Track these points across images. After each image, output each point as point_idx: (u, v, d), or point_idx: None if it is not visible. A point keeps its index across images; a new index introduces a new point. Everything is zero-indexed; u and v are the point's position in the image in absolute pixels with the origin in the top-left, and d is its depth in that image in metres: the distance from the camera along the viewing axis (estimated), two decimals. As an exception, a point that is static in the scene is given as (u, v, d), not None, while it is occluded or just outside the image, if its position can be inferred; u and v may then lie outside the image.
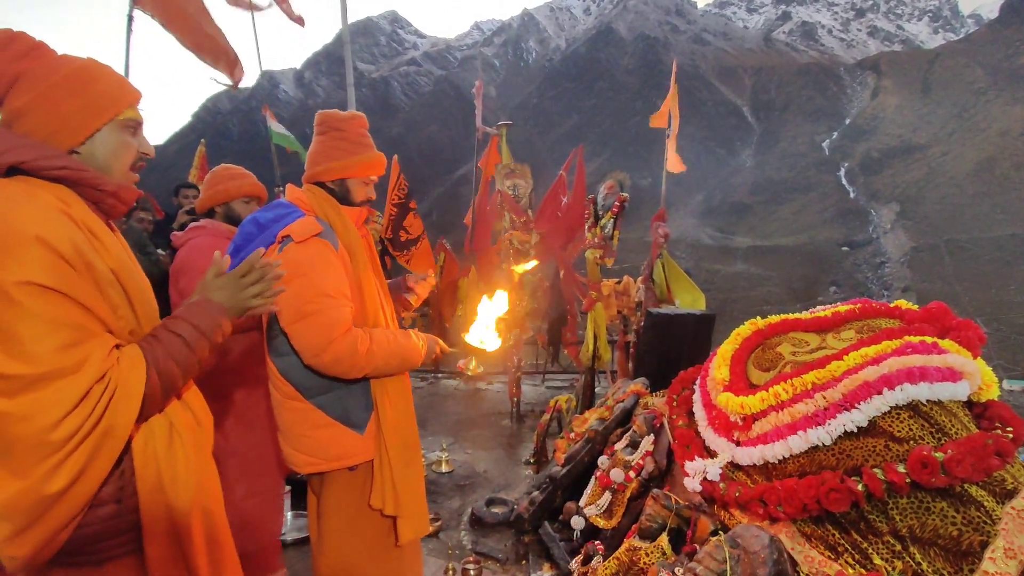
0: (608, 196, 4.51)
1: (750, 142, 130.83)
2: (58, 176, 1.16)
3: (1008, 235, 79.72)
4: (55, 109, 1.18)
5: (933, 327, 2.19)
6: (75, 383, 1.07)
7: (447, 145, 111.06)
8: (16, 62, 1.17)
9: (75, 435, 1.06)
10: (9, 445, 1.02)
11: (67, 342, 1.07)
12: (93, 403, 1.08)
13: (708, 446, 2.41)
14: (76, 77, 1.20)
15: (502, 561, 3.01)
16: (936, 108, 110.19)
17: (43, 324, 1.05)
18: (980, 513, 1.70)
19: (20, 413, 1.02)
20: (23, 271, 1.04)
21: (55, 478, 1.04)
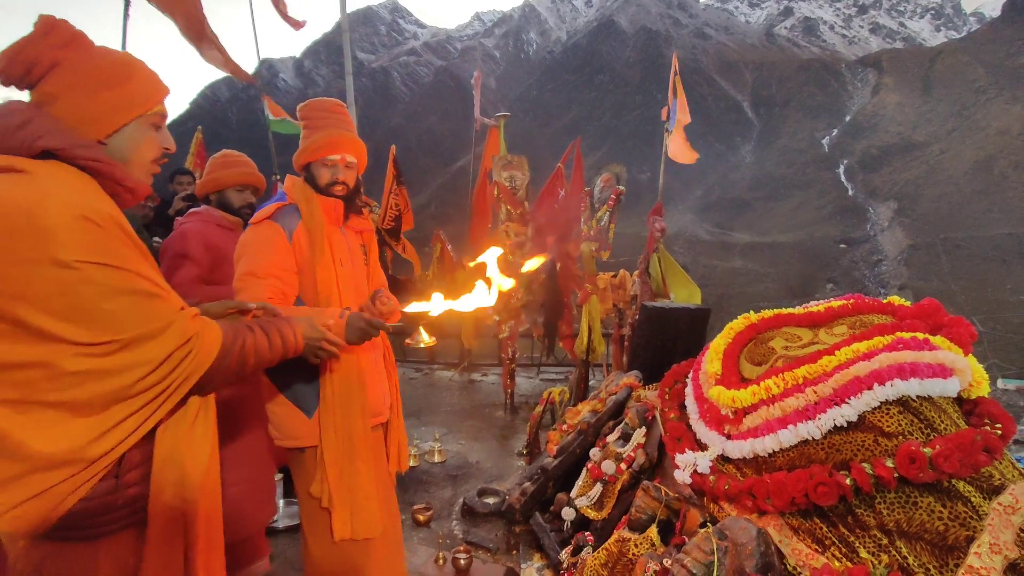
0: (604, 189, 4.50)
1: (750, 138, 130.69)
2: (86, 166, 1.19)
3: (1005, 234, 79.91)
4: (89, 100, 1.21)
5: (925, 323, 2.19)
6: (159, 346, 1.16)
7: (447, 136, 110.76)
8: (56, 49, 1.19)
9: (153, 392, 1.16)
10: (95, 396, 1.11)
11: (138, 308, 1.14)
12: (174, 364, 1.18)
13: (699, 439, 2.42)
14: (112, 71, 1.23)
15: (493, 551, 3.02)
16: (936, 106, 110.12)
17: (111, 295, 1.11)
18: (967, 508, 1.71)
19: (113, 368, 1.11)
20: (78, 250, 1.08)
21: (125, 424, 1.14)
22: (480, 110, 7.57)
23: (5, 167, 1.12)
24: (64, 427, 1.10)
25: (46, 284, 1.07)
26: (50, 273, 1.06)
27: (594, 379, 5.73)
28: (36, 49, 1.17)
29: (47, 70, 1.19)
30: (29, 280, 1.06)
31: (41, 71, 1.19)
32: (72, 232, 1.08)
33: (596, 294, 4.90)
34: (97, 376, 1.11)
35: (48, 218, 1.07)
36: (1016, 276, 73.67)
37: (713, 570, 1.79)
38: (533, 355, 7.47)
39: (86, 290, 1.09)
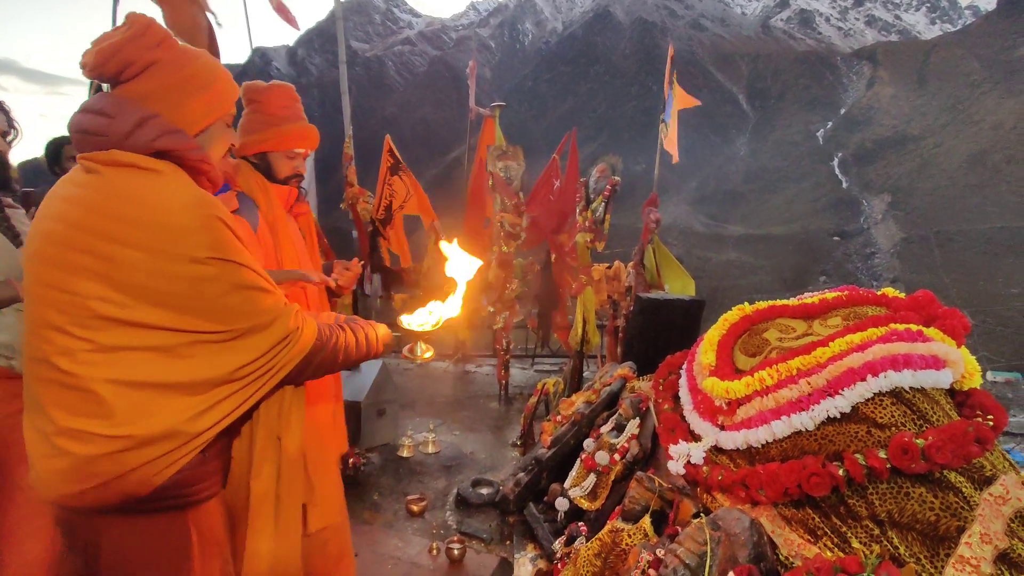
0: (600, 180, 4.49)
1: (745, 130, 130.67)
2: (194, 166, 1.28)
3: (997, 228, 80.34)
4: (184, 102, 1.28)
5: (919, 315, 2.19)
6: (266, 337, 1.26)
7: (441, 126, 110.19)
8: (151, 50, 1.25)
9: (253, 376, 1.26)
10: (204, 378, 1.20)
11: (253, 302, 1.24)
12: (275, 354, 1.28)
13: (693, 430, 2.42)
14: (202, 75, 1.31)
15: (487, 541, 3.03)
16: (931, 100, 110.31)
17: (237, 291, 1.21)
18: (958, 499, 1.72)
19: (223, 355, 1.21)
20: (210, 247, 1.17)
21: (225, 404, 1.23)
22: (475, 100, 7.53)
23: (128, 163, 1.19)
24: (168, 406, 1.17)
25: (177, 280, 1.15)
26: (184, 269, 1.15)
27: (588, 370, 5.73)
28: (133, 49, 1.23)
29: (142, 70, 1.25)
30: (160, 274, 1.14)
31: (136, 70, 1.24)
32: (207, 231, 1.17)
33: (591, 285, 4.90)
34: (208, 362, 1.20)
35: (185, 217, 1.16)
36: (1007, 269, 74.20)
37: (706, 560, 1.79)
38: (528, 346, 7.47)
39: (213, 286, 1.18)
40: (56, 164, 3.58)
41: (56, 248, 1.16)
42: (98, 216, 1.15)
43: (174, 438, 1.18)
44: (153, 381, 1.16)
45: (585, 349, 4.99)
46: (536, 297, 6.26)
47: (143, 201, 1.15)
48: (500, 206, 4.98)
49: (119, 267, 1.13)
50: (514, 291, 5.13)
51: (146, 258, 1.13)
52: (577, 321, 4.92)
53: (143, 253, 1.13)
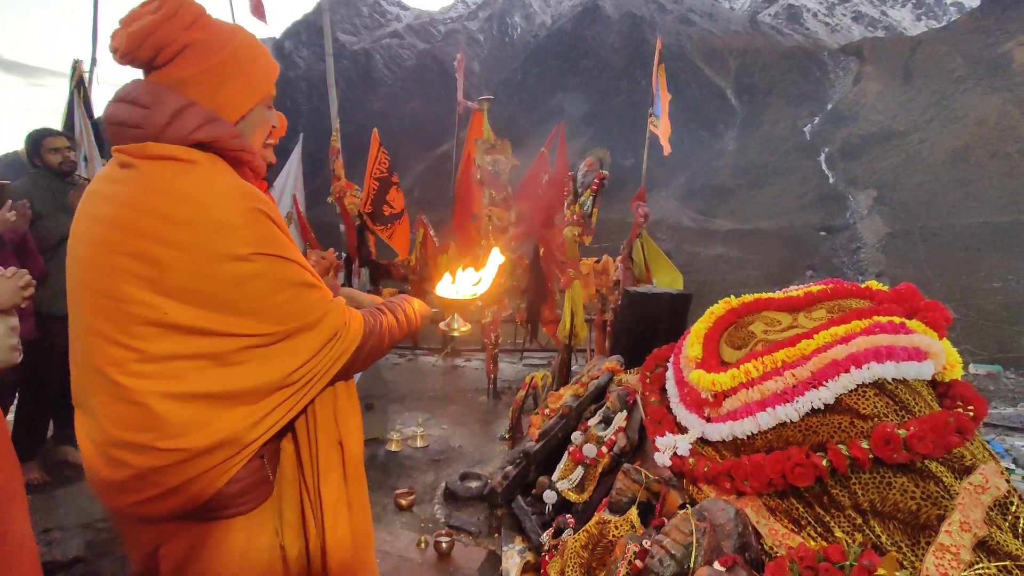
0: (588, 173, 4.49)
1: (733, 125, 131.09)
2: (235, 156, 1.20)
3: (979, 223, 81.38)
4: (222, 87, 1.19)
5: (902, 307, 2.22)
6: (317, 336, 1.20)
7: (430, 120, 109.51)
8: (185, 31, 1.15)
9: (307, 378, 1.20)
10: (258, 385, 1.14)
11: (301, 299, 1.17)
12: (327, 353, 1.22)
13: (679, 422, 2.44)
14: (239, 55, 1.21)
15: (475, 534, 3.04)
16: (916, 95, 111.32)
17: (284, 289, 1.15)
18: (939, 488, 1.75)
19: (275, 358, 1.15)
20: (265, 242, 1.12)
21: (279, 409, 1.18)
22: (463, 93, 7.49)
23: (166, 156, 1.12)
24: (222, 416, 1.12)
25: (221, 280, 1.09)
26: (227, 268, 1.09)
27: (577, 364, 5.75)
28: (167, 31, 1.13)
29: (176, 53, 1.15)
30: (202, 275, 1.08)
31: (170, 54, 1.15)
32: (250, 226, 1.11)
33: (579, 279, 4.90)
34: (260, 367, 1.14)
35: (225, 211, 1.09)
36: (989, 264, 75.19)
37: (692, 551, 1.81)
38: (516, 340, 7.47)
39: (258, 284, 1.12)
40: (36, 156, 3.53)
41: (97, 251, 1.12)
42: (136, 214, 1.09)
43: (230, 446, 1.14)
44: (205, 392, 1.11)
45: (573, 343, 5.00)
46: (524, 291, 6.27)
47: (182, 196, 1.09)
48: (488, 200, 4.97)
49: (160, 268, 1.07)
50: (502, 285, 5.13)
51: (187, 257, 1.07)
52: (565, 315, 4.93)
53: (183, 252, 1.07)
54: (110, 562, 2.67)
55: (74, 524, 2.93)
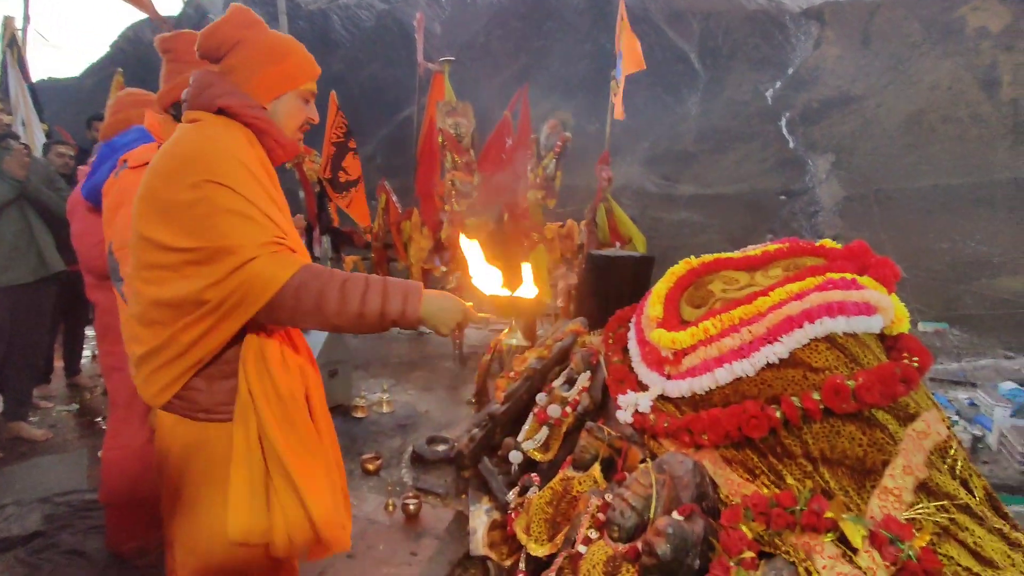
0: (550, 136, 4.45)
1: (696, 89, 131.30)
2: (250, 122, 1.46)
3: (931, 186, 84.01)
4: (258, 71, 1.49)
5: (853, 264, 2.28)
6: (232, 259, 1.31)
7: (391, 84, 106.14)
8: (240, 30, 1.49)
9: (215, 302, 1.33)
10: (174, 304, 1.35)
11: (231, 226, 1.31)
12: (233, 282, 1.32)
13: (641, 380, 2.49)
14: (277, 50, 1.52)
15: (443, 496, 3.08)
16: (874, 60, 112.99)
17: (218, 213, 1.31)
18: (884, 435, 1.83)
19: (185, 279, 1.33)
20: (219, 173, 1.33)
21: (191, 331, 1.35)
22: (424, 55, 7.29)
23: (192, 119, 1.44)
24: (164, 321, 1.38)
25: (182, 203, 1.31)
26: (186, 194, 1.31)
27: (543, 328, 5.80)
28: (227, 30, 1.48)
29: (232, 47, 1.49)
30: (173, 198, 1.32)
31: (227, 48, 1.49)
32: (214, 163, 1.33)
33: (543, 244, 4.90)
34: (186, 283, 1.33)
35: (199, 147, 1.36)
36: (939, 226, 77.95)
37: (651, 502, 1.86)
38: (482, 306, 7.47)
39: (203, 207, 1.31)
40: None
41: (140, 187, 1.40)
42: (157, 158, 1.39)
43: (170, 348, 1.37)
44: (164, 299, 1.35)
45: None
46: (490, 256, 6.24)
47: (183, 141, 1.38)
48: (451, 164, 4.89)
49: (153, 192, 1.35)
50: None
51: (165, 184, 1.34)
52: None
53: (164, 179, 1.34)
54: (70, 535, 2.63)
55: (31, 499, 2.87)
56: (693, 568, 1.68)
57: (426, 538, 2.72)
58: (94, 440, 3.67)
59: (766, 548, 1.67)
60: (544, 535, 2.26)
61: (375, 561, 2.53)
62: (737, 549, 1.63)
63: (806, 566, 1.58)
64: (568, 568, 1.96)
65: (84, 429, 3.88)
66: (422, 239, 5.95)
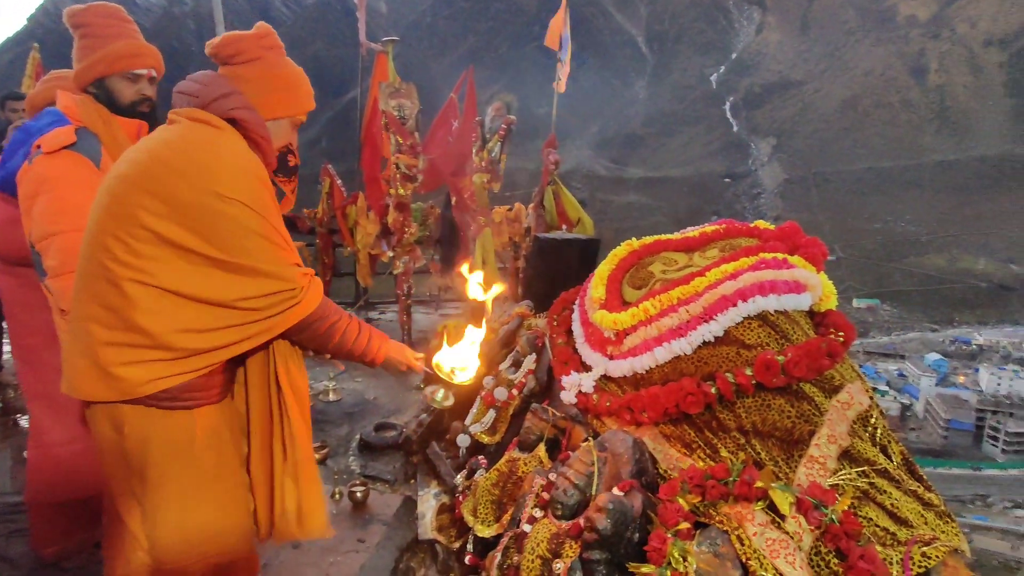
0: (495, 119, 4.43)
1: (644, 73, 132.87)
2: (256, 140, 1.57)
3: (865, 168, 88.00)
4: (273, 93, 1.63)
5: (785, 244, 2.37)
6: (271, 282, 1.48)
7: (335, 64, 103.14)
8: (262, 49, 1.62)
9: (251, 309, 1.47)
10: (207, 296, 1.44)
11: (261, 250, 1.47)
12: (277, 301, 1.50)
13: (584, 361, 2.52)
14: (290, 79, 1.68)
15: (391, 482, 3.07)
16: (812, 46, 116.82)
17: (248, 235, 1.45)
18: (811, 407, 1.92)
19: (226, 281, 1.45)
20: (247, 194, 1.45)
21: (225, 336, 1.48)
22: (368, 35, 7.10)
23: (204, 120, 1.50)
24: (179, 312, 1.42)
25: (204, 210, 1.40)
26: (210, 201, 1.41)
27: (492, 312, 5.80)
28: (250, 44, 1.60)
29: (249, 60, 1.60)
30: (194, 202, 1.40)
31: (244, 59, 1.59)
32: (239, 179, 1.45)
33: (489, 227, 4.89)
34: (212, 283, 1.43)
35: (228, 163, 1.46)
36: (872, 207, 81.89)
37: (593, 479, 1.90)
38: (431, 292, 7.43)
39: (231, 224, 1.42)
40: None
41: (132, 168, 1.44)
42: (168, 151, 1.44)
43: (172, 343, 1.44)
44: (169, 288, 1.41)
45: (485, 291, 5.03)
46: (438, 241, 6.20)
47: (203, 145, 1.46)
48: (395, 147, 4.81)
49: (169, 190, 1.40)
50: (413, 235, 5.04)
51: (187, 186, 1.40)
52: (477, 263, 4.93)
53: (186, 181, 1.40)
54: None
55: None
56: (633, 541, 1.73)
57: (374, 524, 2.71)
58: (18, 440, 3.48)
59: (702, 519, 1.73)
60: (491, 516, 2.29)
61: (321, 550, 2.51)
62: (674, 521, 1.68)
63: (738, 534, 1.65)
64: (513, 547, 1.98)
65: (8, 429, 3.68)
66: (368, 224, 5.83)
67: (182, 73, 2.41)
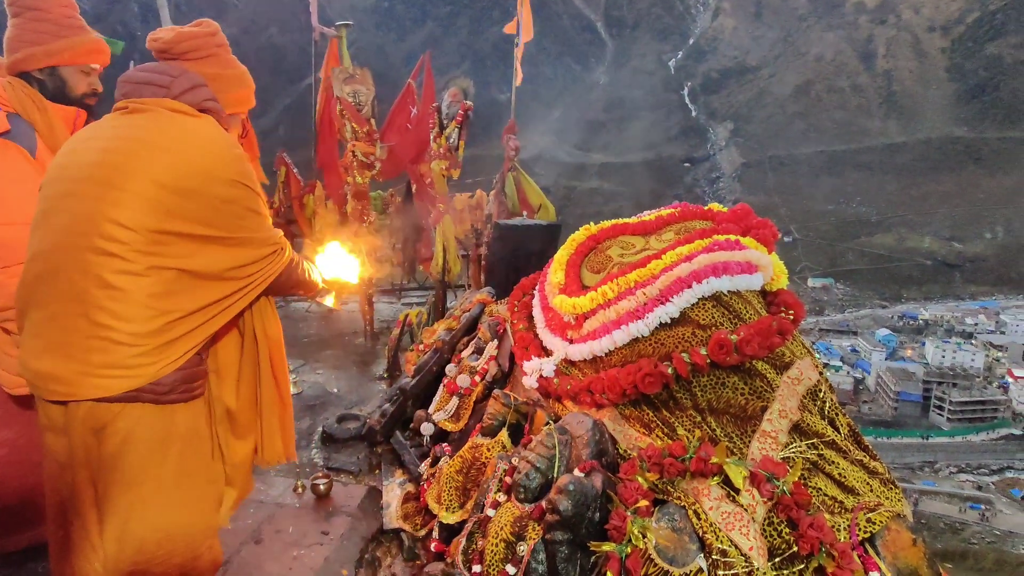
0: (452, 105, 4.38)
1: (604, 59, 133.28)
2: None
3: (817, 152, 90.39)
4: (233, 90, 1.75)
5: (737, 226, 2.42)
6: (262, 248, 1.65)
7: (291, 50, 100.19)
8: (215, 46, 1.70)
9: (249, 274, 1.63)
10: (214, 270, 1.56)
11: (257, 222, 1.63)
12: (268, 262, 1.68)
13: (545, 346, 2.55)
14: (245, 78, 1.81)
15: (355, 473, 3.04)
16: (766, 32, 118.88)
17: (248, 214, 1.60)
18: (763, 383, 1.98)
19: (228, 253, 1.57)
20: (245, 176, 1.58)
21: (227, 300, 1.60)
22: (322, 19, 6.91)
23: (179, 110, 1.55)
24: (192, 292, 1.53)
25: (214, 195, 1.50)
26: (219, 188, 1.51)
27: (454, 299, 5.79)
28: (203, 40, 1.66)
29: (205, 56, 1.66)
30: (201, 189, 1.48)
31: (200, 55, 1.65)
32: (237, 162, 1.56)
33: (449, 214, 4.86)
34: (217, 256, 1.54)
35: (226, 149, 1.55)
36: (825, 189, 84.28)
37: (555, 462, 1.93)
38: (393, 280, 7.36)
39: (235, 206, 1.55)
40: None
41: (112, 156, 1.45)
42: (168, 140, 1.49)
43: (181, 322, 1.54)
44: (169, 266, 1.47)
45: (447, 278, 5.01)
46: (398, 230, 6.13)
47: (195, 133, 1.53)
48: (351, 135, 4.72)
49: (176, 176, 1.46)
50: (373, 224, 4.97)
51: (197, 173, 1.48)
52: (437, 251, 4.90)
53: (194, 168, 1.47)
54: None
55: None
56: (594, 521, 1.76)
57: (338, 516, 2.68)
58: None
59: (660, 496, 1.77)
60: (455, 503, 2.30)
61: (284, 544, 2.48)
62: (633, 499, 1.72)
63: (695, 509, 1.70)
64: (478, 532, 2.00)
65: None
66: (327, 213, 5.73)
67: (125, 59, 2.34)
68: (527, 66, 5.67)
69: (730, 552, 1.60)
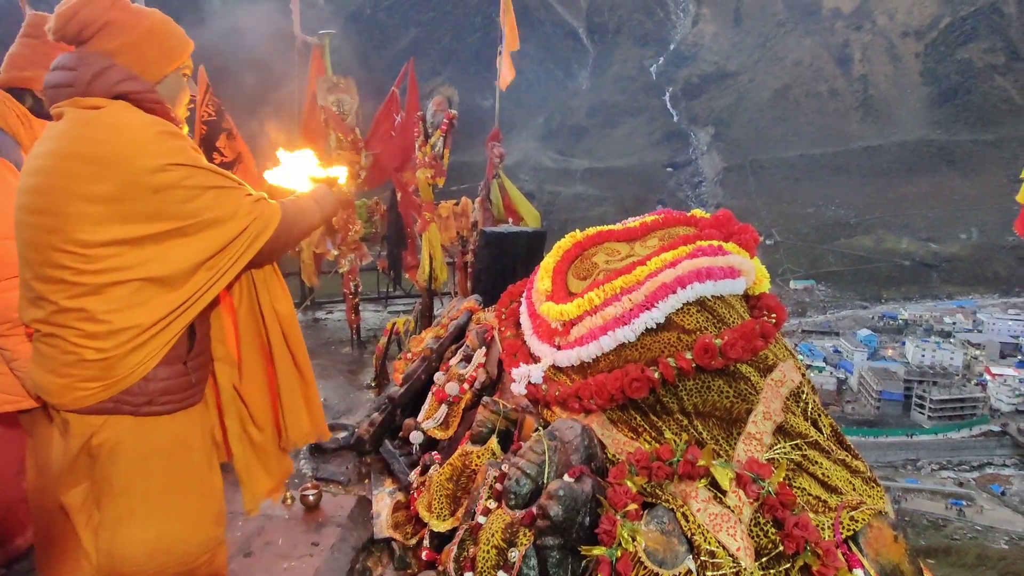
0: (436, 113, 4.41)
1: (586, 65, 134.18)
2: (151, 108, 1.45)
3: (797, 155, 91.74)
4: (142, 55, 1.46)
5: (720, 232, 2.46)
6: (227, 230, 1.47)
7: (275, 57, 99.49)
8: (106, 12, 1.41)
9: (220, 262, 1.48)
10: (180, 268, 1.43)
11: (217, 199, 1.44)
12: (237, 244, 1.50)
13: (533, 353, 2.57)
14: (156, 31, 1.50)
15: (344, 483, 3.04)
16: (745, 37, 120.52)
17: (196, 196, 1.41)
18: (747, 386, 2.01)
19: (194, 244, 1.43)
20: (176, 155, 1.39)
21: (201, 298, 1.48)
22: (304, 28, 6.91)
23: (90, 105, 1.39)
24: (156, 299, 1.42)
25: (143, 191, 1.35)
26: (145, 180, 1.35)
27: (441, 307, 5.79)
28: (89, 12, 1.39)
29: (99, 30, 1.41)
30: (127, 191, 1.34)
31: (93, 31, 1.41)
32: (160, 143, 1.37)
33: (436, 222, 4.88)
34: (180, 252, 1.42)
35: (138, 135, 1.36)
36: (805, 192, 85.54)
37: (545, 468, 1.95)
38: (380, 289, 7.35)
39: (177, 192, 1.38)
40: None
41: (44, 178, 1.36)
42: (82, 147, 1.35)
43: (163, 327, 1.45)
44: (131, 278, 1.38)
45: (434, 286, 5.02)
46: (384, 238, 6.13)
47: (106, 127, 1.36)
48: (335, 143, 4.72)
49: (99, 186, 1.33)
50: (358, 232, 4.97)
51: (112, 176, 1.33)
52: (424, 259, 4.91)
53: (109, 170, 1.33)
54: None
55: None
56: (585, 525, 1.78)
57: (328, 527, 2.67)
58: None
59: (649, 499, 1.80)
60: (446, 510, 2.30)
61: (275, 556, 2.46)
62: (622, 503, 1.75)
63: (683, 511, 1.72)
64: (469, 539, 2.01)
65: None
66: (312, 224, 5.73)
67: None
68: (509, 73, 5.70)
69: (718, 553, 1.63)
